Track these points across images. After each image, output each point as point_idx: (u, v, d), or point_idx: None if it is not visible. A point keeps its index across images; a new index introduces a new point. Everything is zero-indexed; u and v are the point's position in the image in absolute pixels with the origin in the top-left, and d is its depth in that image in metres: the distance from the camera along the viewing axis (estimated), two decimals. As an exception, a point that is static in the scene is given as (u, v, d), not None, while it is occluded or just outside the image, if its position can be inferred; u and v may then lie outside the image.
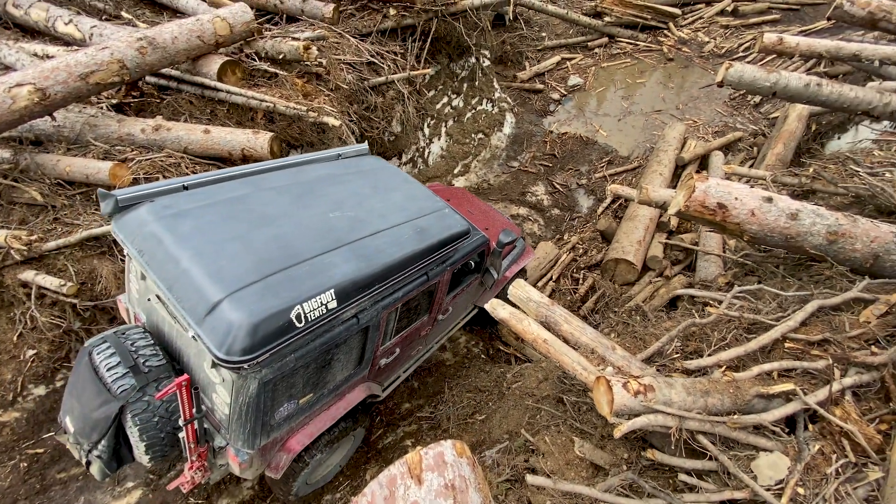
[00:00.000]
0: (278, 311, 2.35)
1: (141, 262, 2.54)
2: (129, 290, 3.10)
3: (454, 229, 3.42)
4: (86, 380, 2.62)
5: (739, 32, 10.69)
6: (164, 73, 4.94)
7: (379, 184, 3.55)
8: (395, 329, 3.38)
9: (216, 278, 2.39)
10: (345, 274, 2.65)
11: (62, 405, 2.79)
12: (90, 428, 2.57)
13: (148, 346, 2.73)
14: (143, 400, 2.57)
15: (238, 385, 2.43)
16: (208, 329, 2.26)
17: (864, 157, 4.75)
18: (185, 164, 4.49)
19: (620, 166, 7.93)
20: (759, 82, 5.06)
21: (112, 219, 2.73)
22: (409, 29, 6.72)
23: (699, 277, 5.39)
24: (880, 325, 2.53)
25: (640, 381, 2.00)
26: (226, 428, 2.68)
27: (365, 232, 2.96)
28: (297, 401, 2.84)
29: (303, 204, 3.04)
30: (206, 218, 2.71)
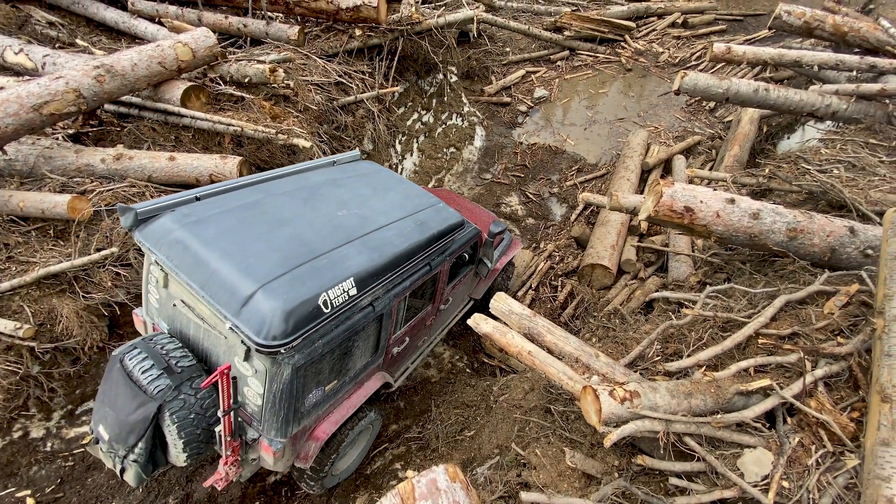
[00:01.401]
0: (307, 299, 2.58)
1: (170, 266, 2.70)
2: (146, 302, 3.24)
3: (450, 221, 3.75)
4: (119, 385, 2.73)
5: (690, 43, 11.27)
6: (125, 101, 4.80)
7: (377, 184, 3.83)
8: (405, 317, 3.63)
9: (247, 273, 2.59)
10: (360, 264, 2.92)
11: (93, 415, 2.88)
12: (127, 432, 2.66)
13: (177, 348, 2.87)
14: (178, 398, 2.69)
15: (272, 372, 2.61)
16: (245, 319, 2.45)
17: (813, 156, 5.05)
18: (150, 193, 4.35)
19: (589, 173, 8.15)
20: (712, 89, 5.33)
21: (133, 231, 2.90)
22: (375, 48, 6.78)
23: (672, 278, 5.56)
24: (843, 316, 2.67)
25: (626, 388, 2.03)
26: (258, 420, 2.84)
27: (372, 227, 3.25)
28: (324, 387, 3.03)
29: (312, 206, 3.29)
30: (227, 223, 2.91)
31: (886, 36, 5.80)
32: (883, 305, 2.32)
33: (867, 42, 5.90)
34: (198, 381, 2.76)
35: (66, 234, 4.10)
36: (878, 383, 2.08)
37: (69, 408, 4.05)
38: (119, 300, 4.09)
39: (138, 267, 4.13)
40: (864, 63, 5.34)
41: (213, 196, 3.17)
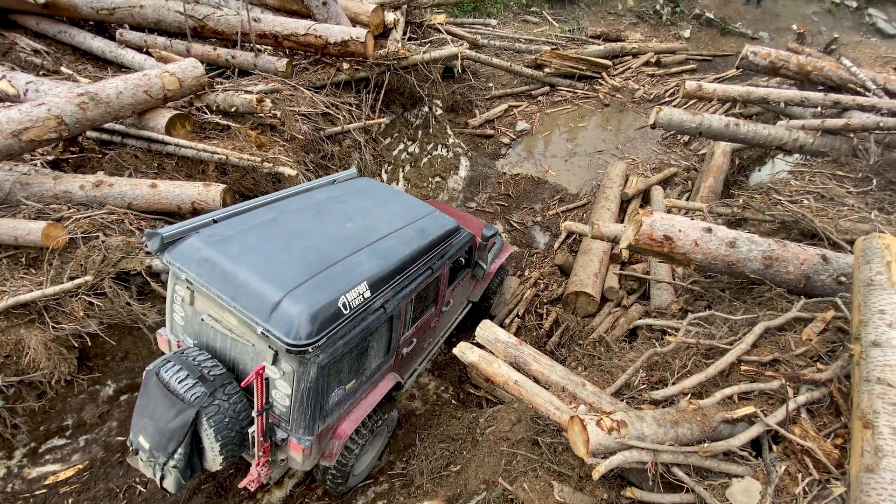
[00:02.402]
0: (329, 302, 2.85)
1: (201, 282, 2.93)
2: (170, 321, 3.45)
3: (447, 227, 4.07)
4: (157, 397, 2.91)
5: (664, 80, 11.85)
6: (108, 128, 4.77)
7: (377, 198, 4.15)
8: (412, 319, 3.87)
9: (273, 282, 2.86)
10: (371, 269, 3.21)
11: (132, 428, 3.04)
12: (167, 439, 2.84)
13: (207, 359, 3.06)
14: (214, 404, 2.89)
15: (299, 372, 2.84)
16: (275, 323, 2.70)
17: (783, 187, 5.27)
18: (129, 221, 4.27)
19: (571, 203, 8.32)
20: (686, 124, 5.58)
21: (161, 253, 3.13)
22: (362, 81, 6.93)
23: (654, 305, 5.62)
24: (821, 342, 2.72)
25: (613, 418, 2.01)
26: (286, 420, 3.04)
27: (378, 236, 3.54)
28: (345, 386, 3.26)
29: (322, 220, 3.58)
30: (248, 240, 3.18)
31: (848, 74, 6.20)
32: (859, 331, 2.38)
33: (830, 80, 6.28)
34: (230, 387, 2.99)
35: (39, 262, 3.97)
36: (860, 409, 2.11)
37: (32, 445, 3.81)
38: (91, 331, 3.93)
39: (113, 296, 4.00)
40: (828, 100, 5.67)
41: (230, 217, 3.44)
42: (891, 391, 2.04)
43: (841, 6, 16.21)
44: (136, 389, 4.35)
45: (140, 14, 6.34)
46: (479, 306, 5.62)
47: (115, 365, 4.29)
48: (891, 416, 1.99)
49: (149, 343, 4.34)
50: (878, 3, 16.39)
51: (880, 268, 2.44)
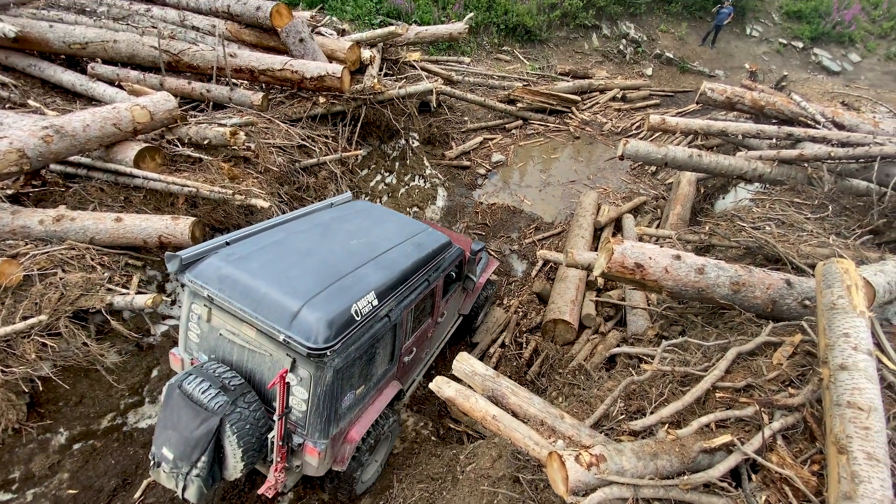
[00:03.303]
0: (343, 309, 3.11)
1: (223, 297, 3.15)
2: (184, 340, 3.61)
3: (440, 242, 4.39)
4: (181, 408, 3.04)
5: (630, 114, 12.43)
6: (73, 161, 4.63)
7: (374, 217, 4.48)
8: (412, 328, 4.11)
9: (291, 294, 3.10)
10: (377, 280, 3.48)
11: (154, 441, 3.13)
12: (191, 447, 2.96)
13: (225, 371, 3.24)
14: (236, 412, 3.05)
15: (316, 377, 3.04)
16: (297, 330, 2.94)
17: (746, 214, 5.48)
18: (91, 256, 4.09)
19: (546, 231, 8.46)
20: (652, 155, 5.81)
21: (179, 274, 3.32)
22: (339, 114, 7.01)
23: (631, 331, 5.66)
24: (791, 366, 2.76)
25: (592, 452, 1.96)
26: (302, 425, 3.22)
27: (380, 251, 3.83)
28: (355, 391, 3.46)
29: (328, 238, 3.87)
30: (263, 258, 3.42)
31: (799, 109, 6.62)
32: (826, 355, 2.43)
33: (783, 114, 6.70)
34: (249, 396, 3.16)
35: (-11, 302, 3.73)
36: (833, 434, 2.12)
37: (-32, 504, 3.47)
38: (43, 374, 3.68)
39: (69, 336, 3.77)
40: (781, 132, 6.02)
41: (242, 239, 3.70)
42: (861, 415, 2.06)
43: (788, 46, 17.56)
44: (91, 437, 4.06)
45: (113, 48, 6.31)
46: (468, 320, 5.99)
47: (68, 411, 4.00)
48: (864, 440, 2.01)
49: (107, 386, 4.08)
50: (822, 44, 17.83)
51: (841, 292, 2.52)
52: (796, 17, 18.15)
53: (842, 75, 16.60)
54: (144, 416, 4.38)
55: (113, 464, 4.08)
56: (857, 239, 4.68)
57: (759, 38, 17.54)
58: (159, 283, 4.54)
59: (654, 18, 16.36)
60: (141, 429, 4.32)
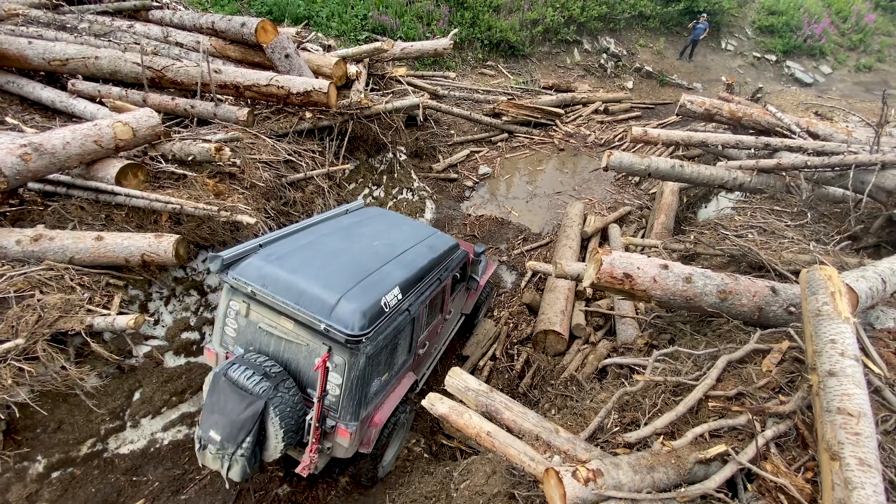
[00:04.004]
0: (375, 301, 3.49)
1: (267, 292, 3.48)
2: (220, 335, 3.92)
3: (449, 244, 4.84)
4: (227, 393, 3.31)
5: (612, 127, 12.68)
6: (52, 179, 4.52)
7: (389, 222, 4.90)
8: (426, 323, 4.46)
9: (329, 288, 3.48)
10: (400, 277, 3.88)
11: (201, 425, 3.39)
12: (238, 429, 3.23)
13: (265, 361, 3.54)
14: (278, 396, 3.34)
15: (350, 363, 3.39)
16: (335, 320, 3.29)
17: (729, 223, 5.59)
18: (70, 276, 3.97)
19: (534, 242, 8.51)
20: (635, 166, 5.91)
21: (221, 273, 3.66)
22: (326, 129, 7.00)
23: (621, 340, 5.68)
24: (780, 373, 2.79)
25: (589, 467, 1.94)
26: (335, 409, 3.53)
27: (399, 251, 4.23)
28: (381, 378, 3.81)
29: (352, 240, 4.26)
30: (299, 257, 3.79)
31: (775, 119, 6.82)
32: (814, 361, 2.46)
33: (759, 125, 6.89)
34: (288, 382, 3.45)
35: (-40, 327, 3.59)
36: (825, 441, 2.13)
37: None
38: (20, 400, 3.53)
39: (47, 360, 3.64)
40: (759, 142, 6.19)
41: (274, 242, 4.02)
42: (852, 421, 2.08)
43: (762, 59, 18.19)
44: (70, 464, 3.90)
45: (95, 65, 6.23)
46: (469, 319, 6.43)
47: (46, 438, 3.84)
48: (855, 446, 2.03)
49: (86, 411, 3.94)
50: (794, 56, 18.52)
51: (826, 298, 2.56)
52: (769, 31, 18.86)
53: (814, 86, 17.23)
54: (126, 442, 4.22)
55: (94, 492, 3.92)
56: (837, 245, 4.80)
57: (734, 52, 18.15)
58: (142, 303, 4.43)
59: (633, 33, 16.83)
60: (122, 455, 4.17)
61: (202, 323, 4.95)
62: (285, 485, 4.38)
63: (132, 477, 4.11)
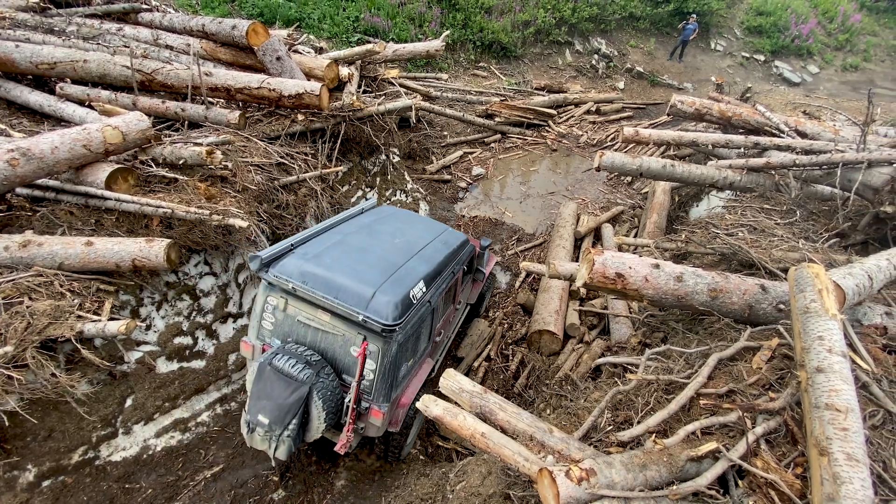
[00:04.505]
0: (405, 294, 3.87)
1: (307, 288, 3.80)
2: (257, 328, 4.21)
3: (461, 239, 5.22)
4: (274, 380, 3.61)
5: (604, 127, 12.76)
6: (40, 184, 4.47)
7: (404, 220, 5.23)
8: (441, 312, 4.82)
9: (364, 283, 3.82)
10: (423, 271, 4.25)
11: (249, 411, 3.66)
12: (284, 412, 3.54)
13: (305, 350, 3.86)
14: (320, 381, 3.68)
15: (384, 350, 3.74)
16: (372, 311, 3.65)
17: (720, 221, 5.65)
18: (60, 283, 3.93)
19: (528, 243, 8.54)
20: (627, 166, 5.95)
21: (261, 271, 3.98)
22: (318, 131, 6.98)
23: (614, 340, 5.72)
24: (770, 370, 2.82)
25: (582, 466, 1.95)
26: (369, 392, 3.87)
27: (418, 248, 4.59)
28: (408, 363, 4.17)
29: (376, 238, 4.60)
30: (332, 256, 4.13)
31: (764, 119, 6.90)
32: (803, 358, 2.49)
33: (749, 124, 6.96)
34: (327, 369, 3.80)
35: (-53, 335, 3.54)
36: (813, 436, 2.16)
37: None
38: (9, 408, 3.49)
39: (36, 367, 3.59)
40: (749, 141, 6.25)
41: (305, 242, 4.37)
42: (840, 416, 2.11)
43: (751, 59, 18.39)
44: (61, 473, 3.86)
45: (83, 68, 6.17)
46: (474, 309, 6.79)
47: (36, 446, 3.80)
48: (843, 441, 2.05)
49: (77, 418, 3.90)
50: (782, 56, 18.74)
51: (813, 296, 2.60)
52: (757, 31, 19.07)
53: (802, 86, 17.45)
54: (118, 449, 4.19)
55: (85, 500, 3.88)
56: (825, 242, 4.86)
57: (723, 52, 18.33)
58: (133, 309, 4.39)
59: (624, 34, 16.95)
60: (115, 462, 4.13)
61: (195, 328, 4.92)
62: (280, 490, 4.36)
63: (125, 484, 4.08)
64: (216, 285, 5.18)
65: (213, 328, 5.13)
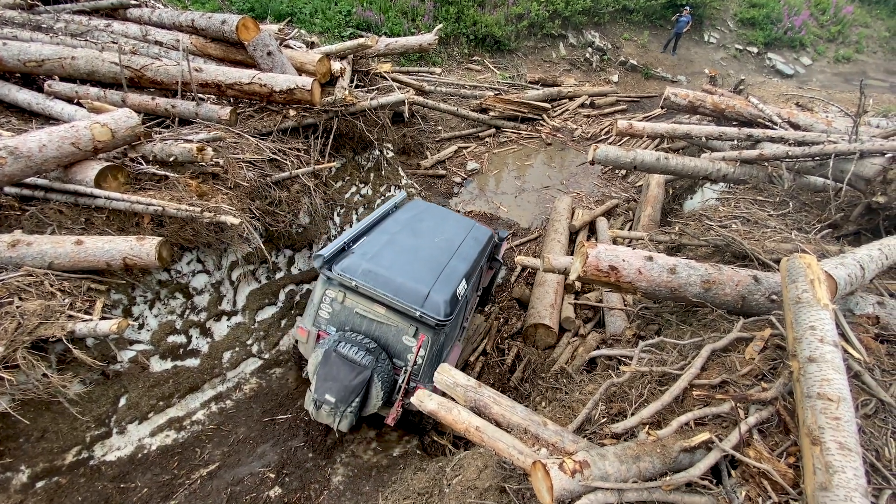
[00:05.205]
0: (454, 293, 4.42)
1: (368, 286, 4.29)
2: (314, 316, 4.66)
3: (487, 234, 5.71)
4: (339, 365, 4.14)
5: (599, 120, 12.74)
6: (29, 183, 4.42)
7: (436, 216, 5.69)
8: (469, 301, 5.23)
9: (419, 282, 4.38)
10: (463, 270, 4.78)
11: (317, 392, 4.19)
12: (349, 393, 4.09)
13: (362, 338, 4.35)
14: (379, 366, 4.21)
15: (434, 340, 4.30)
16: (428, 308, 4.21)
17: (713, 213, 5.66)
18: (50, 282, 3.89)
19: (524, 237, 8.54)
20: (621, 159, 5.94)
21: (323, 268, 4.50)
22: (310, 127, 6.91)
23: (609, 332, 5.73)
24: (763, 360, 2.83)
25: (575, 459, 1.95)
26: (417, 374, 4.40)
27: (456, 245, 5.11)
28: (449, 347, 4.65)
29: (418, 237, 5.08)
30: (386, 255, 4.64)
31: (757, 111, 6.90)
32: (795, 348, 2.50)
33: (742, 116, 6.97)
34: (383, 354, 4.34)
35: (-64, 336, 3.50)
36: (805, 426, 2.17)
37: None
38: (0, 409, 3.45)
39: (27, 368, 3.56)
40: (742, 133, 6.26)
41: (355, 240, 4.97)
42: (832, 405, 2.12)
43: (744, 52, 18.39)
44: (55, 473, 3.84)
45: (72, 65, 6.08)
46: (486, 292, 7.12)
47: (29, 447, 3.77)
48: (835, 430, 2.06)
49: (71, 418, 3.87)
50: (775, 48, 18.76)
51: (805, 286, 2.60)
52: (750, 23, 19.06)
53: (795, 78, 17.48)
54: (113, 448, 4.17)
55: (80, 500, 3.86)
56: (818, 233, 4.88)
57: (716, 45, 18.32)
58: (125, 308, 4.35)
59: (618, 27, 16.90)
60: (109, 462, 4.11)
61: (188, 326, 4.89)
62: (277, 487, 4.36)
63: (120, 484, 4.06)
64: (209, 283, 5.14)
65: (207, 326, 5.10)
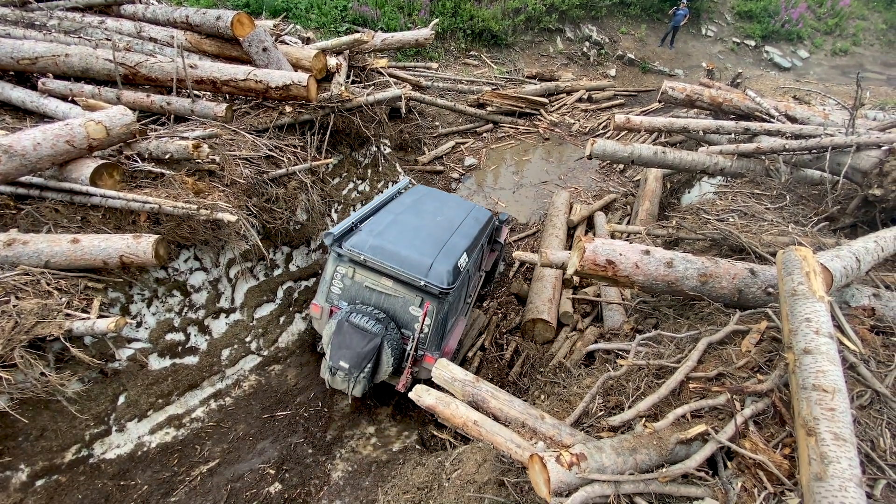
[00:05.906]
0: (455, 264, 4.69)
1: (376, 259, 4.57)
2: (326, 292, 4.99)
3: (488, 215, 6.00)
4: (352, 333, 4.41)
5: (596, 115, 12.72)
6: (24, 182, 4.39)
7: (438, 199, 5.98)
8: (473, 278, 5.60)
9: (423, 255, 4.66)
10: (464, 244, 5.06)
11: (332, 359, 4.46)
12: (361, 359, 4.36)
13: (372, 310, 4.65)
14: (388, 334, 4.49)
15: (438, 309, 4.55)
16: (432, 277, 4.47)
17: (710, 207, 5.66)
18: (47, 281, 3.88)
19: (522, 232, 8.54)
20: (618, 153, 5.94)
21: (333, 245, 4.78)
22: (307, 123, 6.88)
23: (608, 327, 5.75)
24: (759, 352, 2.85)
25: (572, 451, 1.96)
26: (424, 342, 4.67)
27: (457, 224, 5.39)
28: (453, 319, 5.00)
29: (421, 217, 5.38)
30: (392, 232, 4.93)
31: (754, 104, 6.90)
32: (790, 340, 2.51)
33: (739, 110, 6.96)
34: (392, 324, 4.63)
35: (-68, 336, 3.49)
36: (801, 417, 2.19)
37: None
38: (-2, 409, 3.46)
39: (25, 367, 3.56)
40: (739, 127, 6.25)
41: (363, 220, 5.24)
42: (827, 397, 2.14)
43: (741, 45, 18.35)
44: (54, 472, 3.85)
45: (66, 63, 6.04)
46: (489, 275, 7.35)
47: (28, 446, 3.77)
48: (830, 421, 2.08)
49: (69, 417, 3.88)
50: (772, 41, 18.71)
51: (801, 278, 2.61)
52: (747, 16, 19.01)
53: (792, 71, 17.45)
54: (112, 446, 4.17)
55: (80, 499, 3.87)
56: (814, 226, 4.90)
57: (714, 38, 18.27)
58: (123, 305, 4.35)
59: (615, 21, 16.83)
60: (109, 459, 4.12)
61: (186, 324, 4.89)
62: (277, 483, 4.38)
63: (120, 481, 4.07)
64: (207, 280, 5.14)
65: (206, 324, 5.10)
